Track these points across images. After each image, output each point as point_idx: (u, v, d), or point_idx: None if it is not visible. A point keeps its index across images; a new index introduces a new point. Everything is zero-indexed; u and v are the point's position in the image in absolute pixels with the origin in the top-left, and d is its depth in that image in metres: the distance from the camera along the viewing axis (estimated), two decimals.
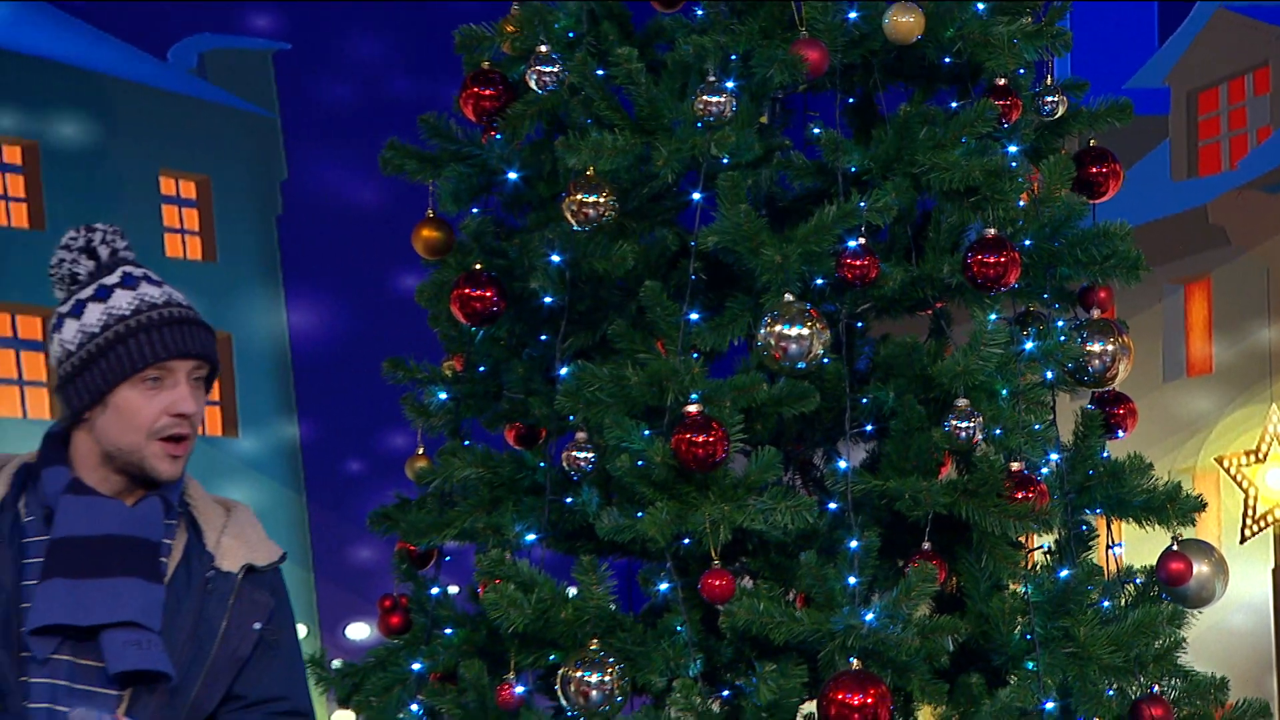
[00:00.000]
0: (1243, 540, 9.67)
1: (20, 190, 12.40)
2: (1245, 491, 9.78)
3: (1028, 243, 6.56)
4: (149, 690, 4.62)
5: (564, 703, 6.21)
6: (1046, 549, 6.57)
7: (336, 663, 6.85)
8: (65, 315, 4.67)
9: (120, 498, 4.71)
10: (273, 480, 13.46)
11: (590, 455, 6.37)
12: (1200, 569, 6.64)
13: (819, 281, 6.41)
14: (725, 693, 6.31)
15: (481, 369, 6.83)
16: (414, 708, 6.56)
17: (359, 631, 12.92)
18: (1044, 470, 6.45)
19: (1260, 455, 10.20)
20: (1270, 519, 10.32)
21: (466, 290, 6.68)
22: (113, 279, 4.70)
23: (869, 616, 6.15)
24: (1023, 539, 6.47)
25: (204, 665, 4.67)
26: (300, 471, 13.20)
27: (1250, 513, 9.90)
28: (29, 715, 4.58)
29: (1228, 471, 9.83)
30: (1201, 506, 6.75)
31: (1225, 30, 11.04)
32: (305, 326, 12.85)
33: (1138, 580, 6.69)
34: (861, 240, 6.36)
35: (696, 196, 6.47)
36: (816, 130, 6.59)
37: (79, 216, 12.74)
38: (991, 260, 6.38)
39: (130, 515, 4.67)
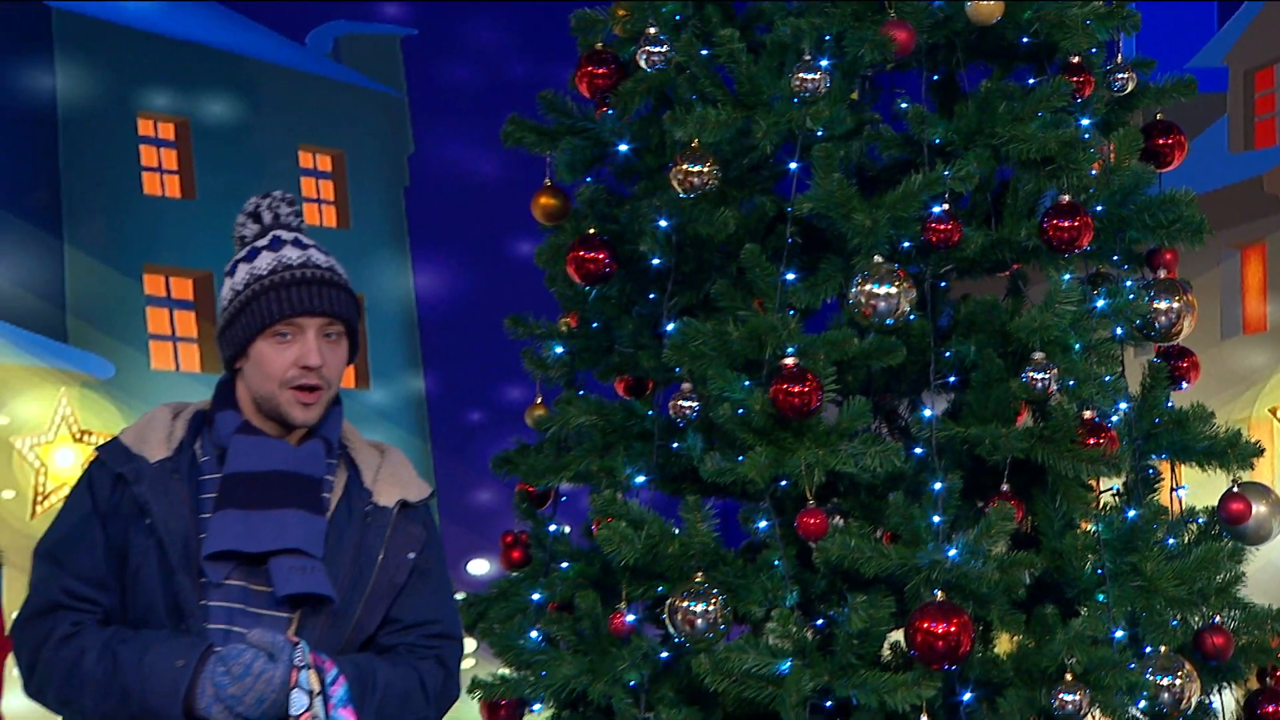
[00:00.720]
0: None
1: (174, 163, 12.41)
2: None
3: (1099, 208, 6.53)
4: (315, 613, 4.68)
5: (671, 630, 6.21)
6: (1116, 491, 6.55)
7: (461, 595, 6.85)
8: (226, 275, 4.78)
9: (285, 439, 4.77)
10: (401, 429, 13.48)
11: (695, 404, 6.37)
12: (1259, 509, 6.60)
13: (905, 244, 6.39)
14: (819, 622, 6.30)
15: (594, 325, 6.83)
16: (533, 634, 6.57)
17: (479, 567, 12.95)
18: (1114, 418, 6.43)
19: None
20: None
21: (581, 253, 6.70)
22: (262, 242, 4.77)
23: (952, 552, 6.13)
24: (1093, 481, 6.46)
25: (364, 591, 4.75)
26: (426, 421, 13.20)
27: None
28: (208, 635, 4.61)
29: (1277, 415, 9.77)
30: (1259, 452, 6.71)
31: (1276, 17, 10.95)
32: (430, 288, 12.86)
33: (1200, 520, 6.66)
34: (945, 206, 6.35)
35: (793, 166, 6.46)
36: (904, 105, 6.57)
37: (226, 187, 12.79)
38: (1066, 224, 6.36)
39: (295, 454, 4.74)
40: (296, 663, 4.54)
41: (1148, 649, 6.28)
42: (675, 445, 6.49)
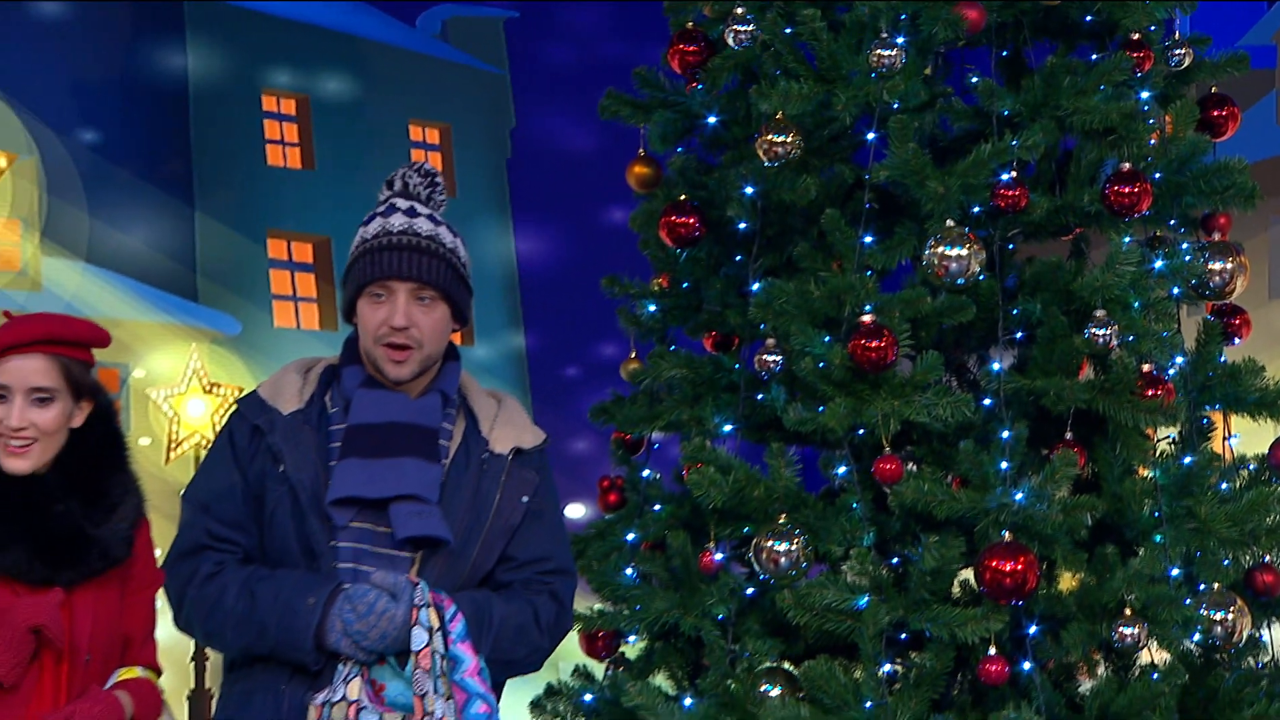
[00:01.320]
0: None
1: (294, 137, 12.47)
2: None
3: (1157, 175, 6.51)
4: (433, 554, 4.71)
5: (756, 568, 6.23)
6: (1172, 439, 6.51)
7: None
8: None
9: (405, 393, 4.79)
10: (503, 383, 13.50)
11: (778, 358, 6.36)
12: None
13: (975, 209, 6.37)
14: (894, 561, 6.28)
15: (685, 285, 6.83)
16: (628, 572, 6.58)
17: (576, 511, 12.98)
18: (1170, 371, 6.40)
19: None
20: None
21: (673, 218, 6.70)
22: (381, 208, 4.81)
23: (1018, 496, 6.11)
24: (1151, 430, 6.43)
25: (481, 532, 4.78)
26: (526, 375, 13.23)
27: None
28: (338, 574, 4.67)
29: None
30: None
31: None
32: (530, 252, 12.89)
33: (1251, 466, 6.63)
34: (1013, 174, 6.33)
35: (870, 136, 6.44)
36: (974, 79, 6.55)
37: (342, 158, 12.82)
38: (1126, 190, 6.34)
39: (413, 406, 4.77)
40: (416, 601, 4.56)
41: (1201, 586, 6.27)
42: (760, 396, 6.48)
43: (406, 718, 4.54)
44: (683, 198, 6.73)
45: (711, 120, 6.76)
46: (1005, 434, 6.24)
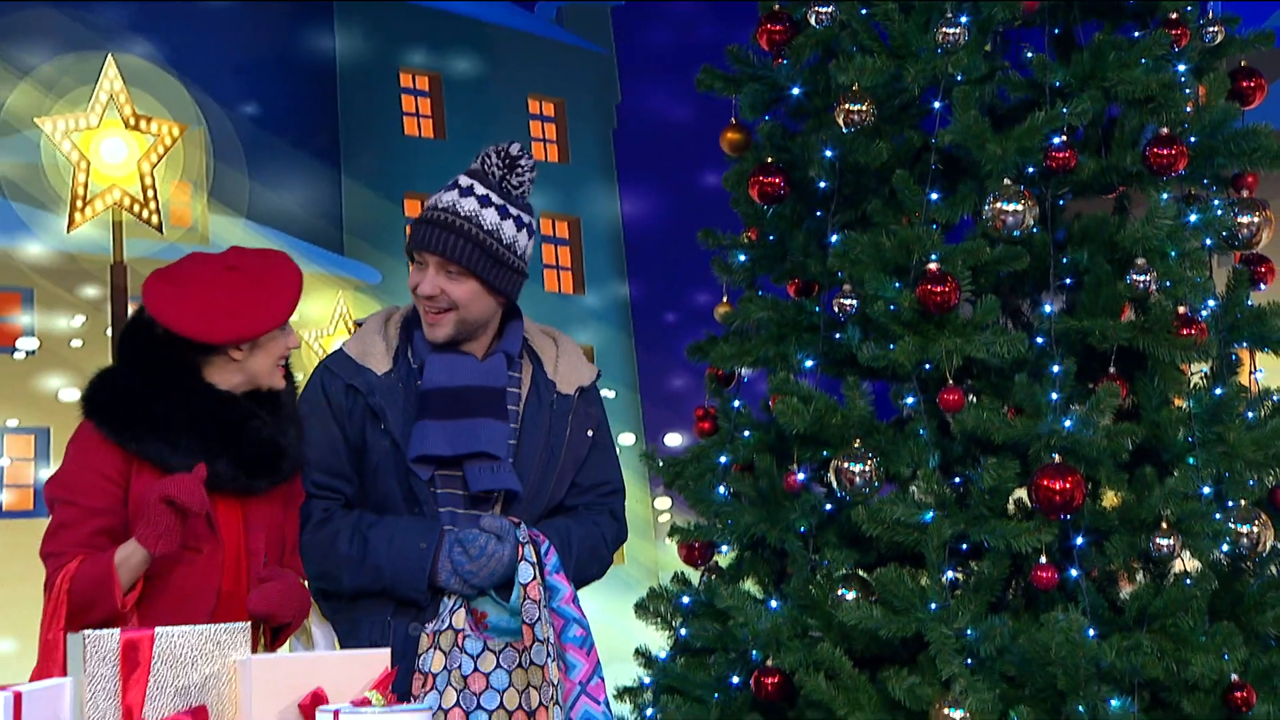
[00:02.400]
0: None
1: (428, 110, 12.51)
2: None
3: (1192, 139, 6.46)
4: (511, 500, 4.74)
5: (834, 487, 6.23)
6: (1204, 373, 6.48)
7: (661, 461, 6.92)
8: None
9: (473, 355, 4.77)
10: (610, 327, 13.50)
11: (854, 302, 6.35)
12: None
13: (1030, 169, 6.35)
14: (956, 480, 6.27)
15: (771, 238, 6.83)
16: (721, 490, 6.59)
17: (674, 439, 13.03)
18: (1203, 313, 6.35)
19: None
20: None
21: (761, 178, 6.69)
22: (449, 181, 4.79)
23: (1067, 423, 6.09)
24: (1185, 366, 6.40)
25: (556, 467, 4.79)
26: (630, 321, 13.25)
27: None
28: (441, 517, 4.70)
29: None
30: None
31: None
32: (633, 212, 12.89)
33: (1275, 397, 6.58)
34: (1063, 138, 6.30)
35: (936, 105, 6.42)
36: (1029, 55, 6.53)
37: (469, 129, 12.83)
38: (1164, 152, 6.30)
39: (481, 368, 4.76)
40: (520, 540, 4.59)
41: (1230, 503, 6.23)
42: (837, 336, 6.47)
43: (509, 642, 4.56)
44: (769, 160, 6.71)
45: (795, 91, 6.74)
46: (1055, 368, 6.22)
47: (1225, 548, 6.21)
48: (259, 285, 4.63)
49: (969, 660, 6.01)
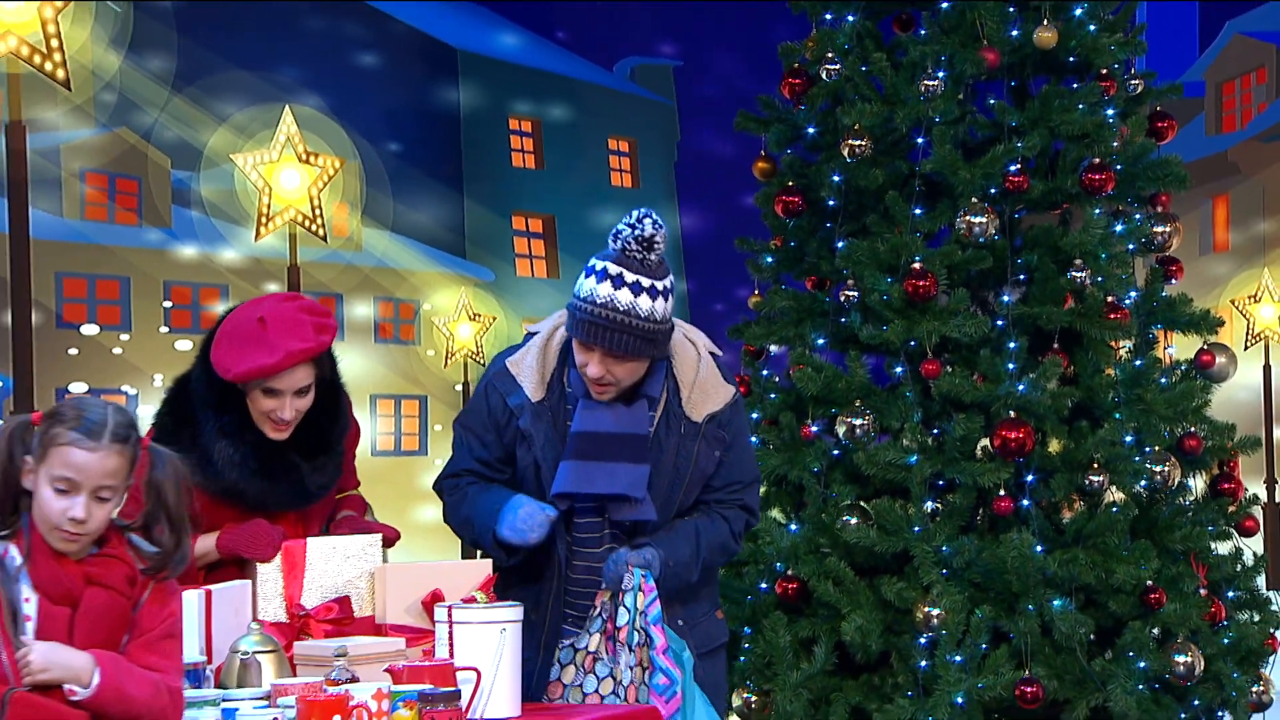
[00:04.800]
0: (1245, 348, 9.42)
1: (530, 146, 12.53)
2: (1246, 317, 9.53)
3: (1119, 167, 6.41)
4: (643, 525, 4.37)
5: (840, 437, 6.22)
6: (1128, 348, 6.43)
7: None
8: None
9: (619, 403, 4.36)
10: (675, 315, 13.63)
11: (855, 294, 6.33)
12: (1220, 360, 6.51)
13: (992, 190, 6.31)
14: (935, 431, 6.24)
15: (792, 244, 6.78)
16: (753, 440, 6.50)
17: None
18: (1126, 302, 6.32)
19: (1255, 298, 9.90)
20: (1263, 335, 10.03)
21: (784, 197, 6.67)
22: (599, 268, 4.30)
23: (1021, 387, 6.07)
24: (1114, 343, 6.36)
25: (682, 485, 4.39)
26: (688, 309, 13.27)
27: (1249, 330, 9.64)
28: (584, 541, 4.41)
29: (1236, 307, 9.60)
30: (1221, 323, 6.56)
31: (1239, 45, 10.68)
32: (690, 225, 12.93)
33: (1183, 367, 6.54)
34: (1018, 166, 6.27)
35: (920, 141, 6.38)
36: (992, 101, 6.49)
37: (562, 161, 12.85)
38: (1097, 177, 6.26)
39: (626, 416, 4.35)
40: (625, 586, 4.18)
41: (1147, 449, 6.20)
42: (843, 320, 6.44)
43: (613, 670, 4.18)
44: (790, 184, 6.68)
45: (810, 130, 6.69)
46: (1012, 345, 6.19)
47: (1143, 483, 6.18)
48: (257, 342, 4.29)
49: (944, 570, 6.00)
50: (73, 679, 3.24)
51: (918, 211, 6.34)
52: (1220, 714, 6.22)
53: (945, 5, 6.48)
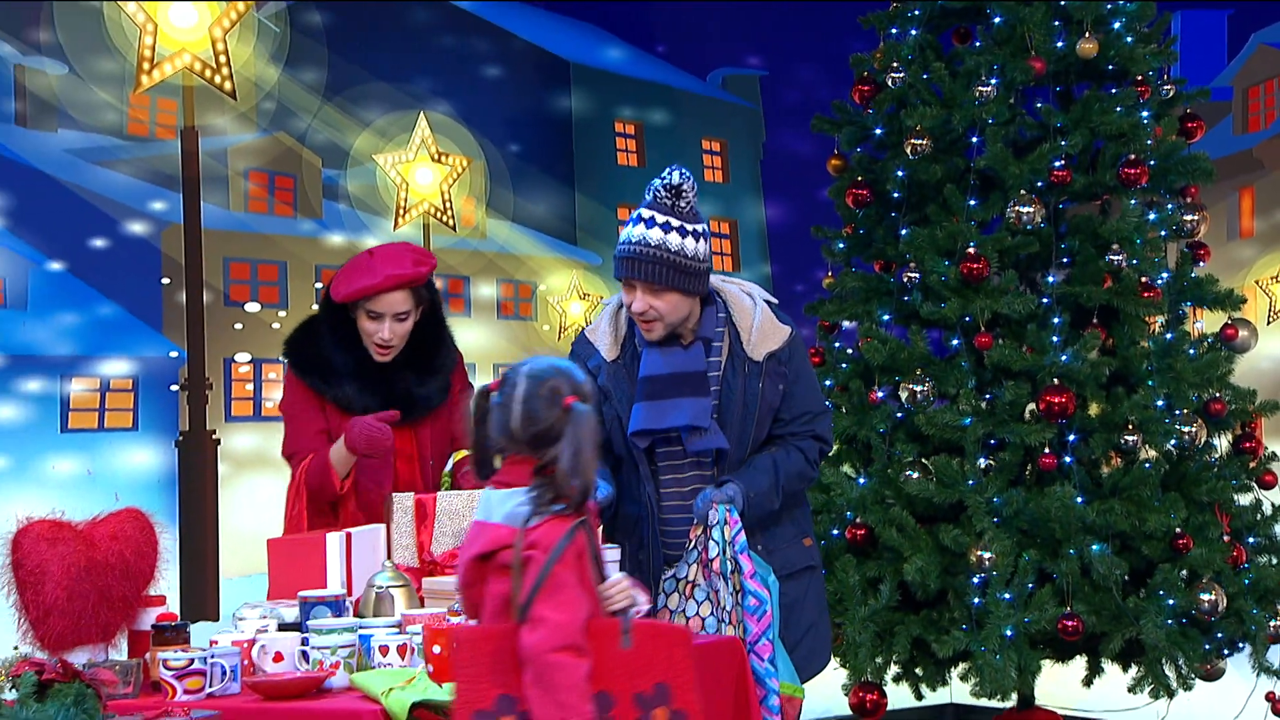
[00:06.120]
0: (1268, 323, 9.28)
1: (633, 146, 12.50)
2: (1269, 296, 9.38)
3: (1152, 163, 6.33)
4: (721, 453, 4.31)
5: (904, 401, 6.20)
6: (1161, 323, 6.36)
7: None
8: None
9: (680, 342, 4.33)
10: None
11: (917, 275, 6.29)
12: (1242, 333, 6.40)
13: (1039, 184, 6.25)
14: (987, 396, 6.18)
15: (861, 230, 6.75)
16: (827, 403, 6.47)
17: None
18: (1159, 282, 6.23)
19: (1277, 279, 9.74)
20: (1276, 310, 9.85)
21: (854, 190, 6.63)
22: (633, 214, 4.33)
23: (1064, 358, 6.02)
24: (1148, 318, 6.28)
25: (754, 421, 4.33)
26: (773, 288, 13.25)
27: (1271, 307, 9.48)
28: (656, 480, 4.36)
29: (1260, 286, 9.46)
30: (1243, 300, 6.46)
31: (1263, 54, 10.51)
32: (774, 215, 12.87)
33: (1209, 339, 6.44)
34: (1063, 162, 6.21)
35: (974, 140, 6.32)
36: (1039, 104, 6.42)
37: (661, 159, 12.81)
38: (1133, 171, 6.19)
39: (685, 356, 4.32)
40: (712, 521, 4.15)
41: (1178, 412, 6.13)
42: (906, 298, 6.40)
43: (711, 598, 4.17)
44: (860, 179, 6.63)
45: (878, 131, 6.64)
46: (1056, 320, 6.14)
47: (1173, 442, 6.11)
48: (364, 269, 4.42)
49: (995, 519, 5.97)
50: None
51: (972, 202, 6.29)
52: (1241, 645, 6.14)
53: (998, 20, 6.41)
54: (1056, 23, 6.38)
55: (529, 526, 3.10)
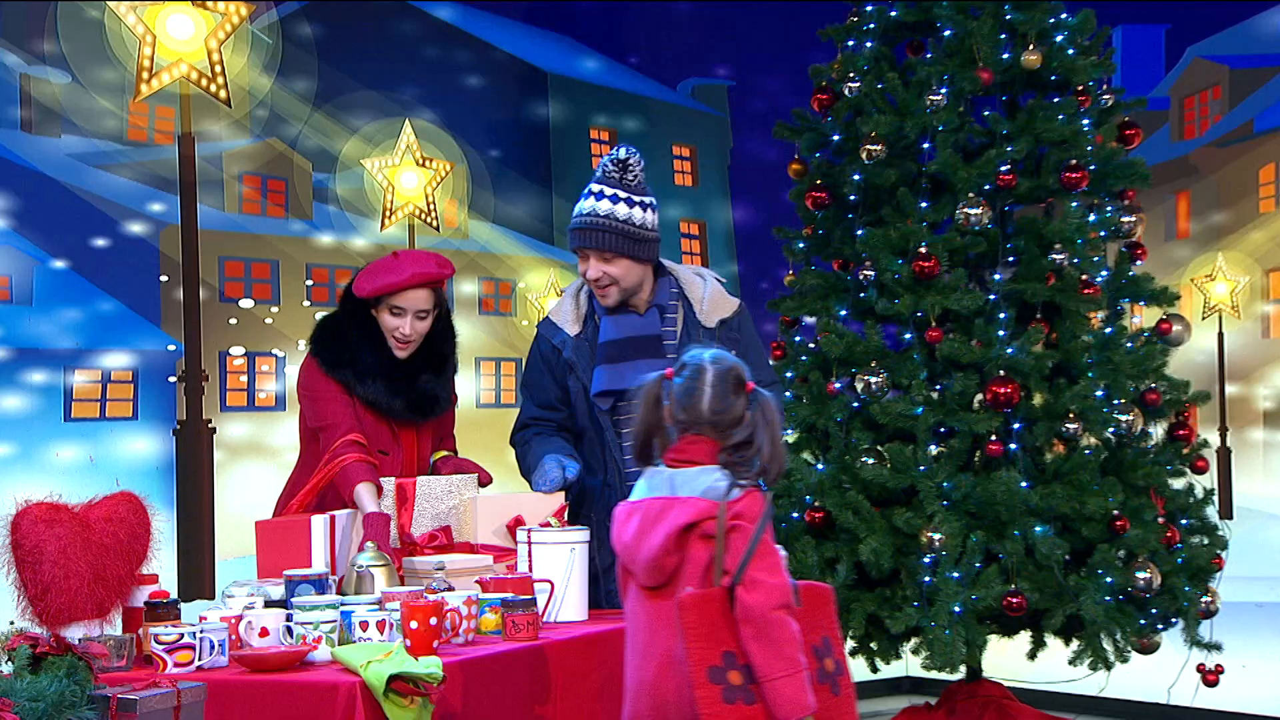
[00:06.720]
0: (1202, 319, 9.32)
1: (607, 151, 12.50)
2: (1203, 293, 9.39)
3: (1093, 167, 6.34)
4: None
5: (859, 391, 6.18)
6: (1100, 318, 6.37)
7: None
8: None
9: (636, 310, 4.37)
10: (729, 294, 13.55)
11: (872, 273, 6.30)
12: (1176, 327, 6.41)
13: (987, 187, 6.25)
14: (938, 387, 6.20)
15: (820, 231, 6.75)
16: (787, 394, 6.52)
17: None
18: (1099, 279, 6.25)
19: (1211, 277, 9.77)
20: (1217, 308, 9.87)
21: (813, 193, 6.63)
22: (587, 189, 4.37)
23: (1010, 350, 6.03)
24: (1090, 314, 6.29)
25: None
26: (739, 288, 13.22)
27: (1205, 304, 9.51)
28: (621, 437, 4.33)
29: (1195, 285, 9.50)
30: (1177, 297, 6.49)
31: (1198, 66, 10.56)
32: (741, 217, 12.86)
33: (1146, 333, 6.45)
34: (1008, 166, 6.21)
35: (926, 146, 6.33)
36: (986, 113, 6.42)
37: (648, 166, 12.83)
38: (1074, 176, 6.21)
39: (640, 321, 4.39)
40: None
41: (1116, 401, 6.14)
42: (862, 295, 6.41)
43: None
44: (819, 182, 6.64)
45: (836, 137, 6.64)
46: (1003, 315, 6.14)
47: (1112, 430, 6.13)
48: (389, 267, 4.43)
49: (945, 502, 5.98)
50: None
51: (924, 205, 6.30)
52: (1174, 621, 6.17)
53: (948, 33, 6.41)
54: (1003, 36, 6.39)
55: (731, 499, 3.20)
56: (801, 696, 3.07)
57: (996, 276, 6.24)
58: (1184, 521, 6.31)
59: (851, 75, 6.49)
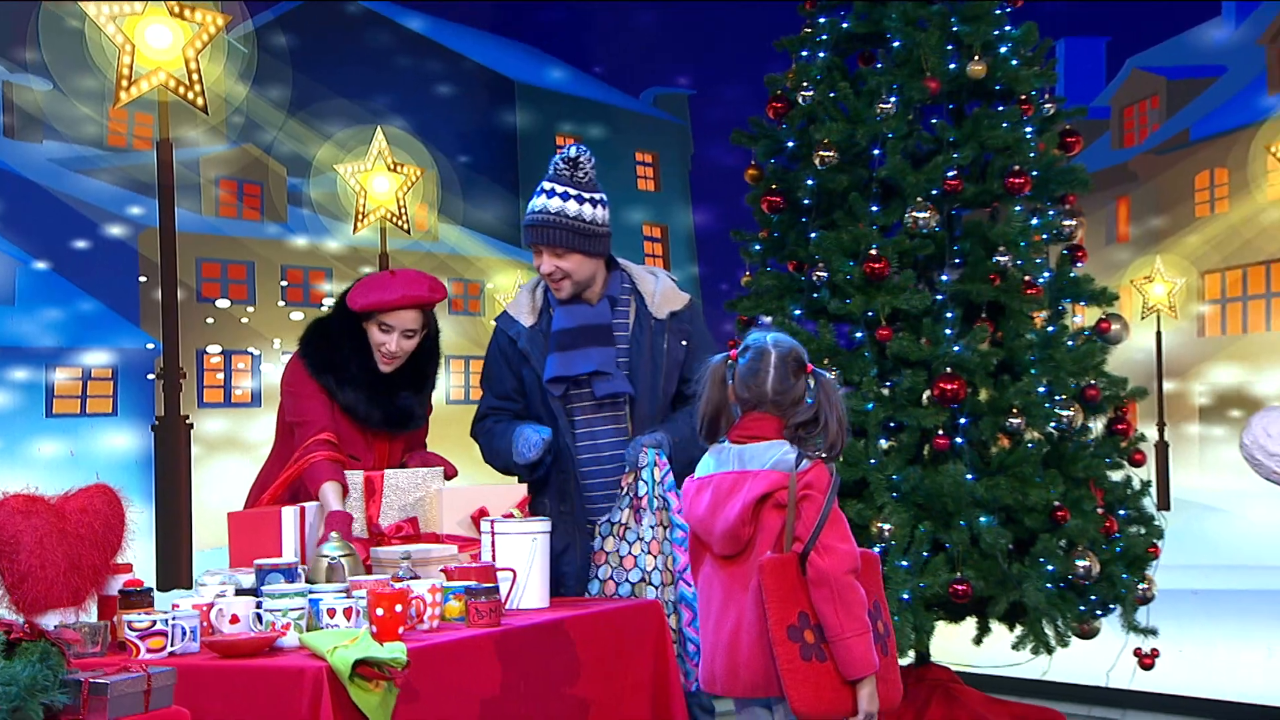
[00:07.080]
0: (1141, 318, 9.36)
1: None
2: (1142, 294, 9.43)
3: (1035, 173, 6.37)
4: (636, 400, 4.36)
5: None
6: (1043, 318, 6.40)
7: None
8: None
9: (589, 301, 4.40)
10: (687, 292, 13.53)
11: (825, 274, 6.31)
12: (1116, 327, 6.45)
13: (934, 192, 6.27)
14: (888, 383, 6.20)
15: (775, 234, 6.76)
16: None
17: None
18: (1041, 280, 6.28)
19: (1149, 279, 9.81)
20: (1155, 308, 9.92)
21: (769, 197, 6.65)
22: (540, 187, 4.41)
23: (956, 349, 6.05)
24: (1034, 314, 6.32)
25: (661, 372, 4.43)
26: (699, 289, 13.22)
27: (1144, 304, 9.56)
28: (573, 423, 4.38)
29: (1134, 286, 9.54)
30: (1116, 297, 6.53)
31: (1137, 77, 10.62)
32: (702, 221, 12.88)
33: (1087, 332, 6.49)
34: (955, 172, 6.23)
35: (876, 152, 6.35)
36: (934, 120, 6.44)
37: (599, 170, 12.86)
38: (1018, 181, 6.23)
39: (591, 312, 4.41)
40: (642, 464, 4.20)
41: (1058, 397, 6.17)
42: (816, 295, 6.42)
43: (639, 532, 4.23)
44: (774, 187, 6.66)
45: (790, 144, 6.65)
46: (949, 315, 6.16)
47: (1053, 425, 6.16)
48: (383, 285, 4.44)
49: (894, 494, 6.01)
50: None
51: (874, 209, 6.31)
52: (1113, 607, 6.21)
53: (897, 44, 6.43)
54: (950, 47, 6.41)
55: (800, 470, 3.32)
56: (869, 655, 3.20)
57: (944, 277, 6.26)
58: (1122, 512, 6.35)
59: (805, 84, 6.51)
